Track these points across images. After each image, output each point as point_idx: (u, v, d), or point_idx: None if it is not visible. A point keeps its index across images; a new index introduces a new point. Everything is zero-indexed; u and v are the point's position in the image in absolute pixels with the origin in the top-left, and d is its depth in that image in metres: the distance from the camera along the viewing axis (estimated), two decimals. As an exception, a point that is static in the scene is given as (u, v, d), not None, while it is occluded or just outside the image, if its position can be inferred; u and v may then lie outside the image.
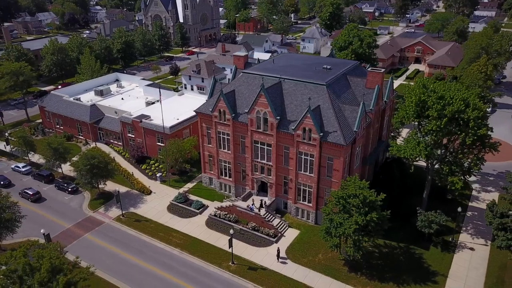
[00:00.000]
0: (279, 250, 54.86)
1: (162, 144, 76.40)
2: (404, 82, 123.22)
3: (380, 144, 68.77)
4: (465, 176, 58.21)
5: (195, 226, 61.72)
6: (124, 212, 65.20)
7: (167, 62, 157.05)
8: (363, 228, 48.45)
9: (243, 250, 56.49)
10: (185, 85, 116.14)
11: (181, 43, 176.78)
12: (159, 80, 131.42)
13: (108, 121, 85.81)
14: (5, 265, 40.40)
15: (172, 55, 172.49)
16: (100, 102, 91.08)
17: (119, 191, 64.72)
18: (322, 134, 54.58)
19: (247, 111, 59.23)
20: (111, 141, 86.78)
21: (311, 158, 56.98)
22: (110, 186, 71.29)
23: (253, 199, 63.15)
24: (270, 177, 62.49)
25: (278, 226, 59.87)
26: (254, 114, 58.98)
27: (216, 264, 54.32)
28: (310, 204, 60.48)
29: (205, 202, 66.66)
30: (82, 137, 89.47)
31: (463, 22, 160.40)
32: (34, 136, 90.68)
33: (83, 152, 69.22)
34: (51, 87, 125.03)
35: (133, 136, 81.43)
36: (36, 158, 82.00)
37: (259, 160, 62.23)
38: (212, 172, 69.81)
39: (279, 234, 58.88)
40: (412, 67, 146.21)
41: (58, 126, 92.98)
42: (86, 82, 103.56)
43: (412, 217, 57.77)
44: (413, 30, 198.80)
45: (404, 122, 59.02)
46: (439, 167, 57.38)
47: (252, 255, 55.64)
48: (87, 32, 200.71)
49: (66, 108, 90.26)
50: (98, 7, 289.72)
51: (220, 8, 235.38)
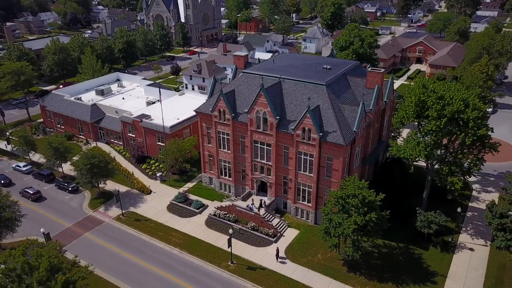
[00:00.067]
0: (278, 250, 54.86)
1: (163, 144, 76.52)
2: (405, 82, 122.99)
3: (380, 144, 68.65)
4: (465, 177, 58.08)
5: (195, 226, 61.81)
6: (124, 212, 65.36)
7: (169, 62, 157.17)
8: (362, 228, 48.42)
9: (243, 250, 56.53)
10: (186, 85, 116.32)
11: (183, 43, 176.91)
12: (160, 80, 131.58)
13: (109, 121, 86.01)
14: (4, 264, 40.53)
15: (174, 55, 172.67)
16: (101, 102, 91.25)
17: (119, 191, 64.89)
18: (322, 134, 54.57)
19: (247, 111, 59.27)
20: (112, 141, 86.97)
21: (311, 158, 56.99)
22: (110, 186, 71.47)
23: (253, 199, 63.17)
24: (270, 177, 62.51)
25: (278, 226, 59.88)
26: (254, 114, 59.01)
27: (215, 264, 54.37)
28: (310, 204, 60.47)
29: (205, 202, 66.75)
30: (83, 137, 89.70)
31: (465, 22, 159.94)
32: (35, 136, 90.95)
33: (84, 152, 69.49)
34: (53, 87, 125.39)
35: (134, 136, 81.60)
36: (37, 158, 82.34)
37: (259, 160, 62.27)
38: (212, 172, 69.90)
39: (279, 234, 58.89)
40: (414, 67, 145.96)
41: (59, 126, 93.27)
42: (87, 82, 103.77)
43: (412, 217, 57.67)
44: (415, 30, 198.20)
45: (404, 122, 58.93)
46: (439, 167, 57.27)
47: (251, 255, 55.69)
48: (89, 32, 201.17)
49: (67, 108, 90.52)
50: (100, 7, 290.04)
51: (222, 8, 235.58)
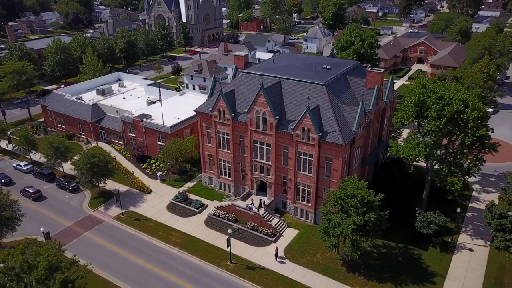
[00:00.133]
0: (278, 250, 54.86)
1: (163, 144, 76.63)
2: (406, 83, 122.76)
3: (380, 144, 68.60)
4: (465, 177, 57.97)
5: (194, 225, 61.88)
6: (124, 211, 65.48)
7: (170, 62, 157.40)
8: (361, 228, 48.39)
9: (242, 250, 56.56)
10: (187, 85, 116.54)
11: (184, 43, 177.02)
12: (162, 80, 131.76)
13: (110, 120, 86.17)
14: (3, 263, 40.67)
15: (175, 55, 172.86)
16: (102, 101, 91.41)
17: (119, 190, 65.08)
18: (321, 134, 54.56)
19: (247, 111, 59.31)
20: (112, 140, 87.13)
21: (310, 158, 56.98)
22: (111, 185, 71.60)
23: (252, 199, 63.19)
24: (269, 177, 62.53)
25: (277, 226, 59.89)
26: (254, 114, 59.05)
27: (215, 263, 54.42)
28: (309, 204, 60.46)
29: (205, 202, 66.82)
30: (84, 136, 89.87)
31: (467, 22, 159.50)
32: (36, 135, 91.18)
33: (84, 151, 69.64)
34: (54, 86, 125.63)
35: (134, 135, 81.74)
36: (38, 157, 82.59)
37: (259, 160, 62.30)
38: (212, 172, 69.97)
39: (278, 234, 58.90)
40: (415, 68, 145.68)
41: (60, 125, 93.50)
42: (88, 82, 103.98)
43: (412, 218, 57.58)
44: (417, 30, 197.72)
45: (404, 123, 58.89)
46: (439, 168, 57.16)
47: (251, 255, 55.71)
48: (91, 32, 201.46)
49: (68, 107, 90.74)
50: (102, 7, 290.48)
51: (223, 8, 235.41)
